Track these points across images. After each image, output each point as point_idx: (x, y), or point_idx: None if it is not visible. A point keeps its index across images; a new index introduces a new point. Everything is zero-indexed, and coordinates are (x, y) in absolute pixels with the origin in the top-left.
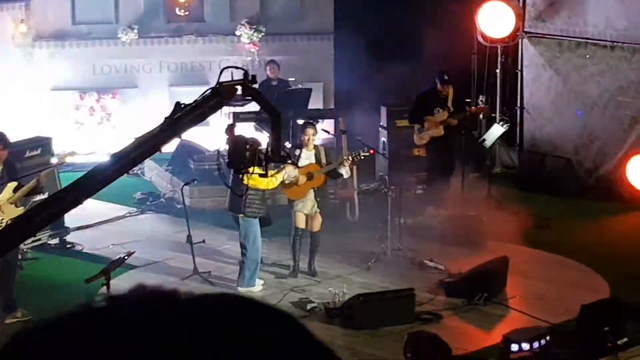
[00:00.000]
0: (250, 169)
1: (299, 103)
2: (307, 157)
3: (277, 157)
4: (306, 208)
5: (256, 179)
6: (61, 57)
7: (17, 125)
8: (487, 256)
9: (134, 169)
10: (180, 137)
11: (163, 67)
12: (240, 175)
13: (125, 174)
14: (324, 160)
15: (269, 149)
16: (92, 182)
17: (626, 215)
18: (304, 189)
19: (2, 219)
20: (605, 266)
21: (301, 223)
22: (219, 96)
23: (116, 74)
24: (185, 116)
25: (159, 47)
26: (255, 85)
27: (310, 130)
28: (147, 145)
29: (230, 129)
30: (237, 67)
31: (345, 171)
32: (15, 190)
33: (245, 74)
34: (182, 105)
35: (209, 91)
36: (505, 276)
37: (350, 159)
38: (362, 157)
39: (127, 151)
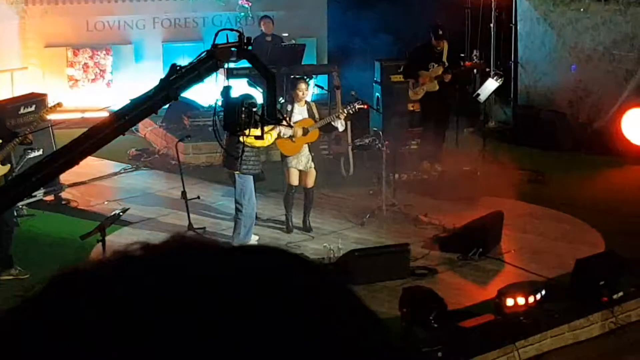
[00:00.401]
0: (247, 131)
1: (292, 59)
2: (299, 112)
3: (272, 118)
4: (300, 164)
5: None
6: (54, 13)
7: (12, 82)
8: (481, 211)
9: None
10: (176, 99)
11: (156, 23)
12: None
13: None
14: (317, 115)
15: (265, 110)
16: (89, 143)
17: (621, 169)
18: (299, 145)
19: None
20: (601, 220)
21: (294, 180)
22: (214, 58)
23: (110, 31)
24: (180, 78)
25: (152, 3)
26: (250, 47)
27: (302, 85)
28: (142, 107)
29: (226, 90)
30: (232, 30)
31: (340, 124)
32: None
33: (240, 36)
34: (178, 67)
35: (205, 53)
36: (500, 231)
37: (345, 112)
38: (357, 110)
39: (123, 112)
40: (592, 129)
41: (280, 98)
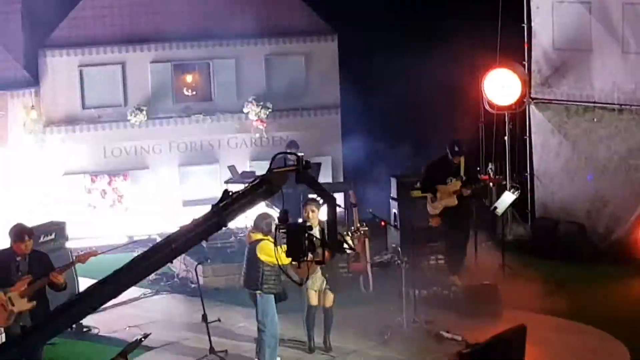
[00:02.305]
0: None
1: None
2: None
3: (333, 242)
4: (315, 285)
5: (271, 255)
6: (72, 141)
7: (31, 210)
8: (503, 325)
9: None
10: (226, 226)
11: (173, 147)
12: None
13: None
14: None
15: (326, 234)
16: (135, 271)
17: None
18: (312, 265)
19: (11, 311)
20: (624, 331)
21: (314, 300)
22: (268, 183)
23: (126, 156)
24: (232, 204)
25: (168, 127)
26: (309, 171)
27: (309, 207)
28: (191, 234)
29: (284, 215)
30: (290, 153)
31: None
32: (29, 284)
33: (298, 159)
34: (230, 193)
35: (259, 179)
36: (523, 344)
37: (350, 234)
38: (362, 232)
39: (172, 239)
40: (611, 239)
41: (299, 219)
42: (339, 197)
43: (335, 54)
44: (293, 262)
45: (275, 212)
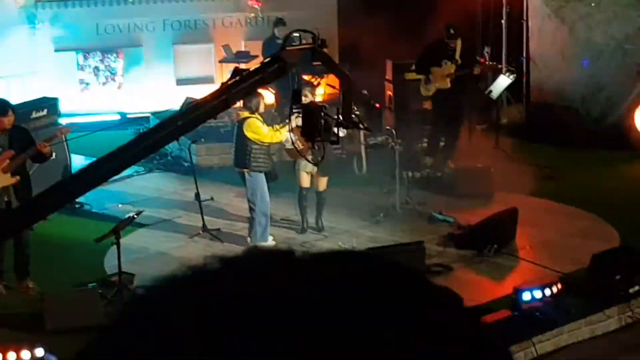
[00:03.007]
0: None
1: (303, 59)
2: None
3: (349, 122)
4: (308, 166)
5: (260, 134)
6: (64, 17)
7: (23, 86)
8: (496, 208)
9: (140, 127)
10: (234, 103)
11: (167, 26)
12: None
13: (133, 133)
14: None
15: (340, 114)
16: (140, 147)
17: (635, 163)
18: (304, 148)
19: None
20: (616, 215)
21: (305, 182)
22: (281, 61)
23: (120, 34)
24: (242, 82)
25: (162, 5)
26: (325, 50)
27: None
28: (198, 112)
29: (297, 95)
30: (305, 31)
31: (340, 131)
32: (11, 159)
33: (314, 37)
34: (242, 71)
35: (271, 57)
36: (514, 227)
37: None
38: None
39: (177, 117)
40: (605, 124)
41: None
42: (332, 79)
43: None
44: (286, 142)
45: (267, 92)
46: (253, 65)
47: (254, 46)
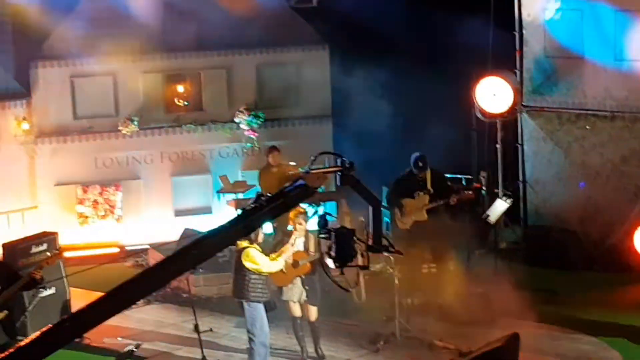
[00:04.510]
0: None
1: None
2: (297, 243)
3: (379, 246)
4: (295, 295)
5: (259, 264)
6: (63, 152)
7: (23, 220)
8: (497, 333)
9: (139, 259)
10: (254, 229)
11: (164, 157)
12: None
13: (131, 265)
14: (311, 249)
15: (371, 238)
16: (149, 282)
17: (635, 285)
18: (289, 276)
19: None
20: (618, 338)
21: (296, 311)
22: (304, 186)
23: (118, 166)
24: (262, 207)
25: (159, 137)
26: (353, 173)
27: (297, 220)
28: (216, 238)
29: (324, 220)
30: (332, 153)
31: (331, 262)
32: None
33: (342, 160)
34: (263, 197)
35: (294, 182)
36: (516, 353)
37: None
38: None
39: (193, 245)
40: (604, 246)
41: (289, 226)
42: (331, 207)
43: (327, 63)
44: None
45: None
46: (249, 194)
47: (251, 175)
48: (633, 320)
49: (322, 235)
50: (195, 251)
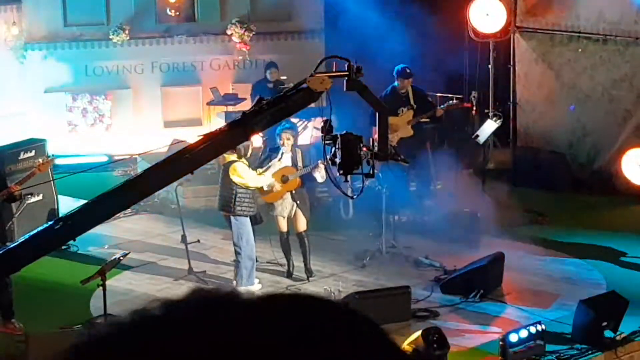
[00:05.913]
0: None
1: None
2: (286, 158)
3: (384, 154)
4: (285, 211)
5: (246, 178)
6: (53, 59)
7: (12, 126)
8: (482, 252)
9: (128, 169)
10: (254, 133)
11: (155, 68)
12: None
13: (120, 174)
14: (300, 164)
15: (376, 146)
16: (145, 184)
17: (622, 208)
18: (280, 192)
19: None
20: (602, 261)
21: (282, 226)
22: (306, 89)
23: (108, 75)
24: (262, 111)
25: (150, 47)
26: (361, 77)
27: (284, 135)
28: (212, 143)
29: (330, 127)
30: (340, 58)
31: (319, 176)
32: None
33: (349, 65)
34: (264, 101)
35: (296, 85)
36: (501, 272)
37: (324, 163)
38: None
39: (188, 149)
40: (592, 169)
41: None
42: (319, 122)
43: None
44: (264, 187)
45: (255, 136)
46: (240, 108)
47: (242, 89)
48: (617, 244)
49: (327, 142)
50: (188, 155)
